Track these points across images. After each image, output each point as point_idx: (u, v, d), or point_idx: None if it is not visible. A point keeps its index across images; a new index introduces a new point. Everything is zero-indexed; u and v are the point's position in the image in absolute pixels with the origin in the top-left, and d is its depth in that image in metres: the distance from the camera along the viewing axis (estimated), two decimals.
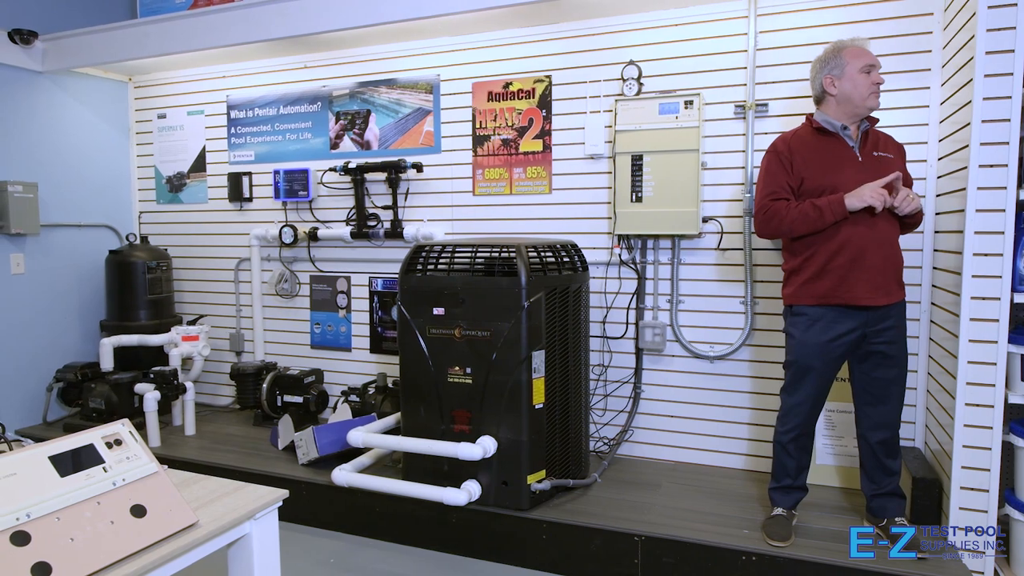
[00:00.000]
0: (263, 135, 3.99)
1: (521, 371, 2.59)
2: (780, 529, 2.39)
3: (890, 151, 2.32)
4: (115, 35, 3.69)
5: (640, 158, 3.02)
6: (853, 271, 2.23)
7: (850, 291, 2.24)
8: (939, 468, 2.53)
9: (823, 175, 2.26)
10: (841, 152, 2.29)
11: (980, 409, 2.24)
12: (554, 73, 3.28)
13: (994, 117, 2.17)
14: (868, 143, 2.32)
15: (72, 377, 3.82)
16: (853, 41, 2.32)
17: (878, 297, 2.23)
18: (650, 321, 3.18)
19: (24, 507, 1.18)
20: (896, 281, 2.28)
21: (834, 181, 2.24)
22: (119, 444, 1.40)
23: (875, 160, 2.28)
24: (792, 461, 2.44)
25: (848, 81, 2.26)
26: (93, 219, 4.17)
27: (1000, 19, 2.14)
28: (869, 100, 2.24)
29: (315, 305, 3.96)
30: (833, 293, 2.26)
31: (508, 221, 3.44)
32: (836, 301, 2.26)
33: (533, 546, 2.60)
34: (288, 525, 2.92)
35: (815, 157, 2.29)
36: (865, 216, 2.22)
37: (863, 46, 2.29)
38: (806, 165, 2.29)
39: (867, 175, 2.22)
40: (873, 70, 2.24)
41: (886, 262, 2.24)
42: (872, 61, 2.25)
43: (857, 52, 2.26)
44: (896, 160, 2.31)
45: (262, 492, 1.57)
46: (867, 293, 2.22)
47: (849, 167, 2.26)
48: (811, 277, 2.30)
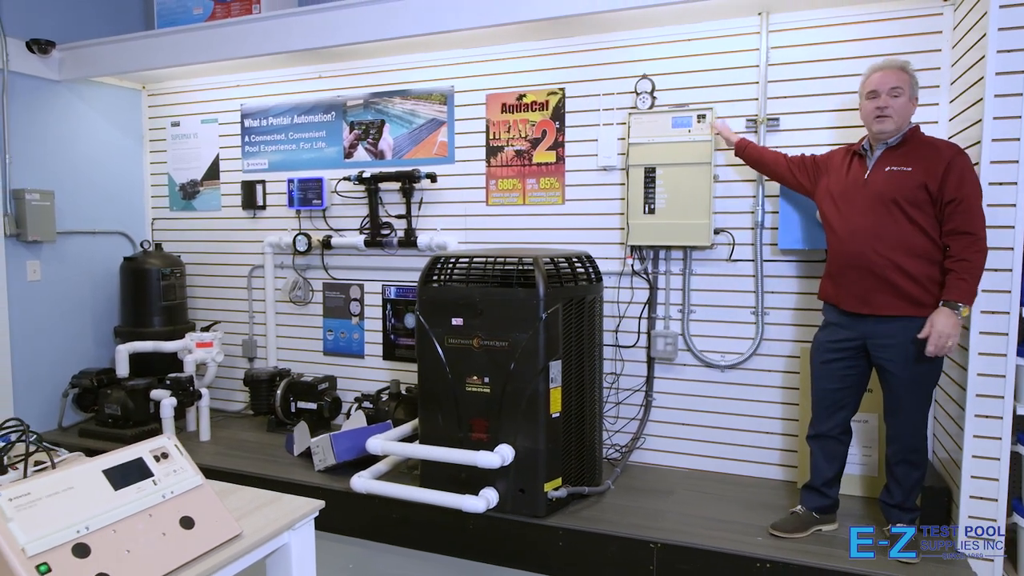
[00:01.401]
0: (277, 144, 4.04)
1: (539, 381, 2.64)
2: (789, 523, 2.50)
3: (913, 164, 2.25)
4: (133, 45, 3.74)
5: (653, 170, 3.07)
6: (841, 278, 2.37)
7: (838, 296, 2.39)
8: (948, 477, 2.58)
9: (835, 185, 2.45)
10: (857, 171, 2.39)
11: (989, 420, 2.30)
12: (568, 86, 3.34)
13: (1004, 136, 2.23)
14: (888, 159, 2.33)
15: (88, 383, 3.86)
16: (876, 67, 2.36)
17: (856, 305, 2.31)
18: (662, 330, 3.23)
19: (83, 520, 1.22)
20: (888, 294, 2.27)
21: (839, 191, 2.41)
22: (165, 457, 1.44)
23: (884, 175, 2.30)
24: (814, 460, 2.55)
25: (862, 108, 2.38)
26: (107, 226, 4.21)
27: (1010, 41, 2.20)
28: (873, 124, 2.32)
29: (328, 312, 4.01)
30: (834, 295, 2.42)
31: (521, 231, 3.49)
32: (832, 301, 2.43)
33: (550, 553, 2.65)
34: None
35: (840, 170, 2.47)
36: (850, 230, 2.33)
37: (881, 69, 2.33)
38: (832, 174, 2.49)
39: (865, 192, 2.33)
40: (876, 96, 2.29)
41: (868, 275, 2.28)
42: (876, 87, 2.30)
43: (869, 79, 2.35)
44: (912, 174, 2.24)
45: (300, 503, 1.62)
46: (848, 301, 2.34)
47: (853, 183, 2.38)
48: (824, 276, 2.51)
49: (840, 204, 2.40)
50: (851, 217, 2.35)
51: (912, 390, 2.31)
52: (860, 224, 2.31)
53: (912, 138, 2.33)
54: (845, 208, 2.38)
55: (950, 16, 2.71)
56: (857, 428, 2.87)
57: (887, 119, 2.28)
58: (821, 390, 2.50)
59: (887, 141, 2.33)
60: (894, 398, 2.35)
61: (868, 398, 2.62)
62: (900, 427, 2.36)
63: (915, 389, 2.31)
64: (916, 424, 2.35)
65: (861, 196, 2.34)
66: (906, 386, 2.31)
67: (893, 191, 2.25)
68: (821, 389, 2.50)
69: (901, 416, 2.35)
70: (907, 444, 2.35)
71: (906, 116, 2.30)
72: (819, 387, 2.51)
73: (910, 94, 2.30)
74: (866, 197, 2.32)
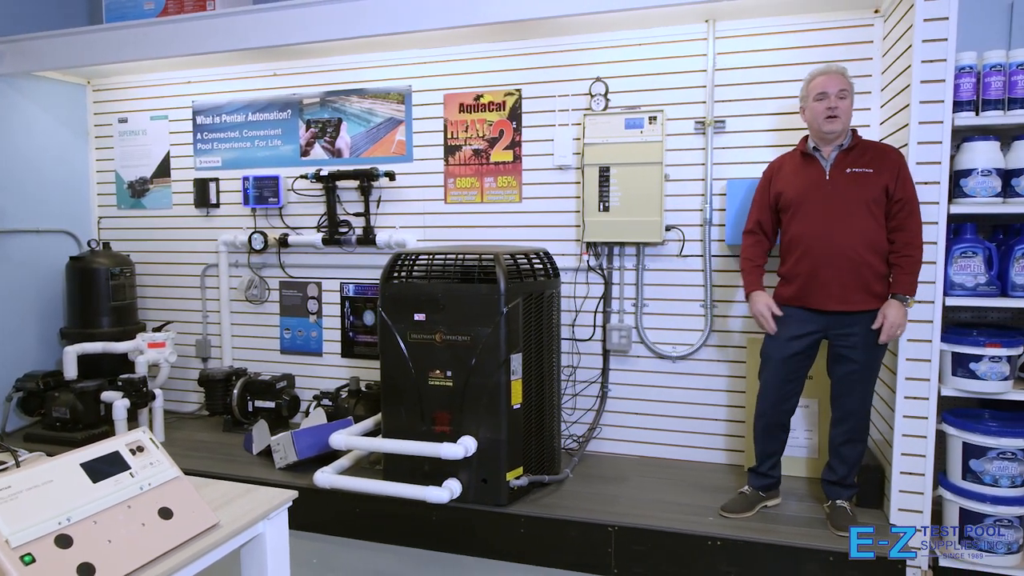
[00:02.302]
0: (231, 141, 3.99)
1: (500, 373, 2.71)
2: (736, 504, 2.65)
3: (872, 165, 2.41)
4: (80, 39, 3.63)
5: (607, 169, 3.18)
6: (812, 279, 2.46)
7: (809, 297, 2.49)
8: (881, 456, 2.78)
9: (793, 191, 2.52)
10: (813, 172, 2.51)
11: (917, 401, 2.49)
12: (524, 87, 3.42)
13: (928, 140, 2.41)
14: (845, 161, 2.46)
15: (33, 386, 3.74)
16: (819, 71, 2.51)
17: (832, 303, 2.45)
18: (616, 324, 3.35)
19: (65, 512, 1.24)
20: (862, 291, 2.42)
21: (801, 197, 2.50)
22: (141, 451, 1.46)
23: (846, 178, 2.44)
24: (758, 445, 2.70)
25: (809, 110, 2.51)
26: (51, 225, 4.09)
27: (933, 52, 2.38)
28: (824, 125, 2.45)
29: (285, 311, 3.99)
30: (796, 297, 2.52)
31: (480, 229, 3.56)
32: (798, 304, 2.53)
33: (512, 539, 2.73)
34: None
35: (792, 176, 2.56)
36: (821, 232, 2.43)
37: (825, 73, 2.47)
38: (784, 182, 2.57)
39: (832, 192, 2.45)
40: (825, 97, 2.43)
41: (846, 274, 2.41)
42: (824, 89, 2.44)
43: (815, 82, 2.48)
44: (875, 176, 2.39)
45: (274, 493, 1.66)
46: (823, 300, 2.46)
47: (816, 186, 2.49)
48: (781, 282, 2.60)
49: (804, 207, 2.48)
50: (820, 218, 2.44)
51: (866, 374, 2.49)
52: (834, 225, 2.42)
53: (860, 141, 2.49)
54: (811, 210, 2.47)
55: (880, 27, 2.91)
56: (801, 412, 3.05)
57: (836, 119, 2.42)
58: (778, 383, 2.61)
59: (840, 143, 2.47)
60: (848, 383, 2.50)
61: (811, 384, 2.79)
62: (852, 407, 2.51)
63: (868, 373, 2.50)
64: (866, 402, 2.53)
65: (826, 197, 2.45)
66: (861, 371, 2.48)
67: (862, 192, 2.40)
68: (778, 382, 2.61)
69: (856, 396, 2.50)
70: (857, 423, 2.52)
71: (850, 117, 2.48)
72: (775, 381, 2.61)
73: (852, 97, 2.47)
74: (832, 198, 2.44)
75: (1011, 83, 2.42)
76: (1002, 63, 2.43)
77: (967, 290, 2.47)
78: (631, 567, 2.62)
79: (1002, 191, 2.44)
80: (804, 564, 2.44)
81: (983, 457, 2.44)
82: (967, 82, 2.44)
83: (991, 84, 2.43)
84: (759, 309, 2.59)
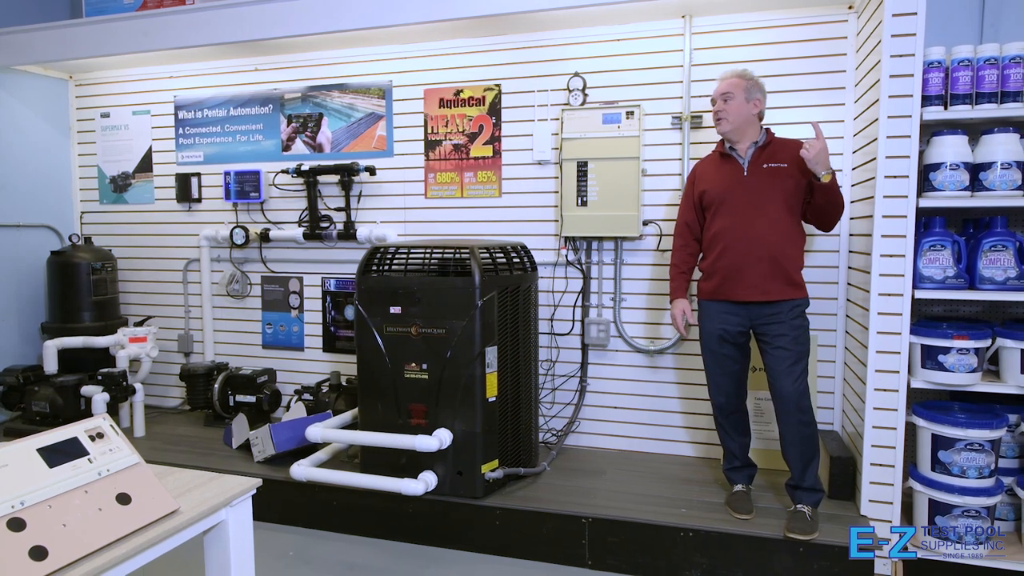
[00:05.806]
0: (213, 136, 4.00)
1: (475, 366, 2.73)
2: (742, 503, 2.66)
3: (786, 160, 2.51)
4: (59, 33, 3.64)
5: (585, 164, 3.20)
6: (734, 273, 2.53)
7: (731, 290, 2.56)
8: (853, 448, 2.81)
9: (715, 188, 2.61)
10: (733, 170, 2.59)
11: (887, 393, 2.52)
12: (503, 82, 3.43)
13: (897, 134, 2.43)
14: (761, 157, 2.56)
15: (13, 380, 3.74)
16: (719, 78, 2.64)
17: (754, 295, 2.51)
18: (595, 318, 3.37)
19: (18, 495, 1.25)
20: (781, 281, 2.49)
21: (722, 193, 2.58)
22: (101, 437, 1.47)
23: (764, 172, 2.53)
24: (728, 440, 2.73)
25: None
26: (32, 219, 4.08)
27: (902, 47, 2.41)
28: (716, 127, 2.60)
29: (267, 305, 3.99)
30: (717, 291, 2.60)
31: (460, 223, 3.57)
32: (722, 297, 2.60)
33: (487, 531, 2.75)
34: None
35: (714, 174, 2.65)
36: (742, 226, 2.51)
37: (718, 80, 2.62)
38: (707, 181, 2.66)
39: (751, 186, 2.53)
40: (713, 103, 2.60)
41: (766, 265, 2.48)
42: (712, 96, 2.62)
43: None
44: (789, 169, 2.49)
45: (238, 481, 1.66)
46: (744, 292, 2.53)
47: (736, 182, 2.57)
48: (703, 277, 2.68)
49: (726, 204, 2.57)
50: (740, 213, 2.53)
51: (795, 358, 2.49)
52: (754, 219, 2.50)
53: (774, 139, 2.60)
54: (731, 206, 2.55)
55: (854, 23, 2.94)
56: (762, 405, 3.07)
57: (722, 121, 2.56)
58: (726, 374, 2.66)
59: (755, 141, 2.56)
60: (780, 370, 2.50)
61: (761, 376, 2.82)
62: (787, 392, 2.48)
63: (798, 357, 2.50)
64: (800, 385, 2.49)
65: (745, 193, 2.53)
66: (791, 355, 2.48)
67: (778, 186, 2.50)
68: (726, 373, 2.66)
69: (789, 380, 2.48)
70: (797, 404, 2.48)
71: (743, 115, 2.54)
72: (722, 372, 2.66)
73: (745, 97, 2.54)
74: (752, 193, 2.52)
75: (979, 78, 2.44)
76: (970, 58, 2.45)
77: (936, 283, 2.49)
78: (605, 558, 2.63)
79: (970, 185, 2.46)
80: (775, 555, 2.46)
81: (951, 448, 2.46)
82: (936, 77, 2.47)
83: (959, 79, 2.45)
84: (674, 313, 2.76)
